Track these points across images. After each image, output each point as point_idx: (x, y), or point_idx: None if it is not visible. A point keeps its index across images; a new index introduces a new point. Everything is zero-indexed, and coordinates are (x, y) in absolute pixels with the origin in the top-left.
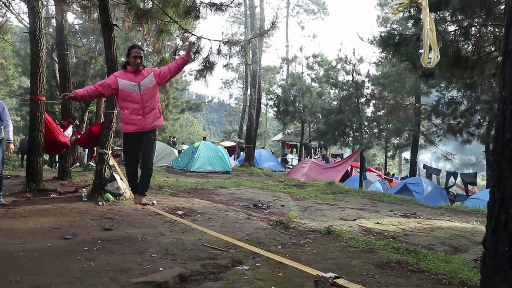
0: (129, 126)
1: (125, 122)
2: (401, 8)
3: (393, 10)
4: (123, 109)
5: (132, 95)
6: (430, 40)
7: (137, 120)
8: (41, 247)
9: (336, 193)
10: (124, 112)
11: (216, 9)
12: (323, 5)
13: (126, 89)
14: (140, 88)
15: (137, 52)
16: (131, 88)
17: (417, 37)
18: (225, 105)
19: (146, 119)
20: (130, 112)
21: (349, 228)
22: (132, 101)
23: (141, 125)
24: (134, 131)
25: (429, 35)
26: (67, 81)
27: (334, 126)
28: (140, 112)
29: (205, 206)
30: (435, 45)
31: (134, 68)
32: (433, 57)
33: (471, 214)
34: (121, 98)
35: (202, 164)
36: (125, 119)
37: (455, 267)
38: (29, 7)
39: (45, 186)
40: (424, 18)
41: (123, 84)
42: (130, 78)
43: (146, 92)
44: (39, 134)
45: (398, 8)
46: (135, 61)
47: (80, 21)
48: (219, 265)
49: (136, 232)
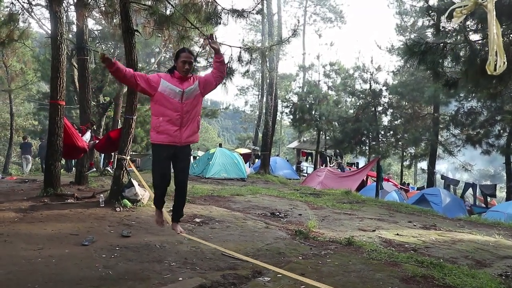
0: (161, 136)
1: (157, 131)
2: (465, 11)
3: (456, 13)
4: (158, 115)
5: (172, 101)
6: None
7: (172, 131)
8: (59, 254)
9: (353, 202)
10: (159, 119)
11: (238, 15)
12: (340, 13)
13: (167, 92)
14: (183, 96)
15: (187, 56)
16: (173, 93)
17: (443, 45)
18: (240, 112)
19: (182, 132)
20: (166, 121)
21: (369, 239)
22: (170, 108)
23: (176, 138)
24: (166, 143)
25: (496, 41)
26: (87, 87)
27: (351, 135)
28: (177, 122)
29: (222, 214)
30: (501, 51)
31: (182, 74)
32: (499, 63)
33: (492, 227)
34: (157, 102)
35: (218, 171)
36: (158, 127)
37: (482, 283)
38: (51, 12)
39: (63, 191)
40: (489, 22)
41: (165, 87)
42: (175, 83)
43: (189, 101)
44: (58, 138)
45: (462, 11)
46: (184, 66)
47: (99, 26)
48: (239, 276)
49: (154, 239)
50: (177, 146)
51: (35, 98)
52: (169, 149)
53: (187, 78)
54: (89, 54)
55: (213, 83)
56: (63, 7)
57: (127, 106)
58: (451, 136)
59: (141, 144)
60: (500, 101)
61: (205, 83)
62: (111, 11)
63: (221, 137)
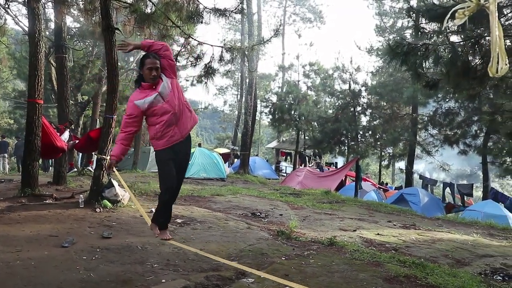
0: (162, 141)
1: (157, 138)
2: (467, 12)
3: (458, 14)
4: (154, 124)
5: (159, 107)
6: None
7: (170, 131)
8: (38, 256)
9: (332, 202)
10: (155, 127)
11: (220, 15)
12: (319, 13)
13: (148, 106)
14: (162, 97)
15: (152, 63)
16: (154, 101)
17: (425, 46)
18: (219, 111)
19: (180, 125)
20: (163, 125)
21: (350, 239)
22: (162, 113)
23: (178, 135)
24: (171, 144)
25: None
26: (65, 85)
27: (330, 135)
28: (173, 120)
29: (204, 215)
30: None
31: (150, 82)
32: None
33: (469, 226)
34: (150, 116)
35: (197, 170)
36: (157, 134)
37: (463, 281)
38: (29, 9)
39: (41, 191)
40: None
41: (144, 104)
42: (148, 93)
43: (170, 95)
44: (36, 138)
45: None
46: (151, 73)
47: (78, 24)
48: (223, 277)
49: (136, 241)
50: (182, 141)
51: (11, 96)
52: (173, 149)
53: (157, 84)
54: (67, 52)
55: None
56: (41, 4)
57: (107, 105)
58: (429, 136)
59: None
60: (478, 102)
61: (166, 66)
62: (90, 8)
63: (200, 136)
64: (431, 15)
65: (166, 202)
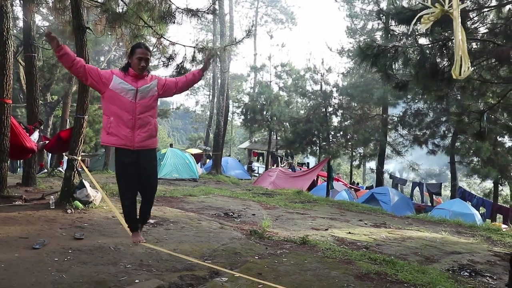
0: (112, 138)
1: (107, 132)
2: (432, 18)
3: (424, 19)
4: (108, 115)
5: (123, 100)
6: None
7: (123, 133)
8: (8, 258)
9: (304, 202)
10: (109, 119)
11: (192, 15)
12: (291, 15)
13: (118, 90)
14: (136, 95)
15: (143, 53)
16: (125, 91)
17: (395, 48)
18: (191, 112)
19: (135, 135)
20: (116, 121)
21: (322, 238)
22: (121, 107)
23: (127, 141)
24: (118, 145)
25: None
26: (34, 85)
27: (302, 135)
28: (129, 124)
29: (177, 215)
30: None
31: (138, 72)
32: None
33: (438, 224)
34: (108, 100)
35: (169, 171)
36: (108, 128)
37: (432, 277)
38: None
39: (10, 193)
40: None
41: (116, 84)
42: (129, 80)
43: (143, 102)
44: (5, 138)
45: (429, 17)
46: (140, 63)
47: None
48: (197, 277)
49: (108, 241)
50: (132, 151)
51: None
52: (127, 153)
53: (143, 76)
54: (36, 51)
55: (173, 90)
56: (9, 2)
57: (78, 105)
58: (399, 137)
59: (90, 144)
60: (446, 103)
61: (165, 87)
62: (61, 7)
63: (171, 137)
64: (400, 17)
65: (127, 208)
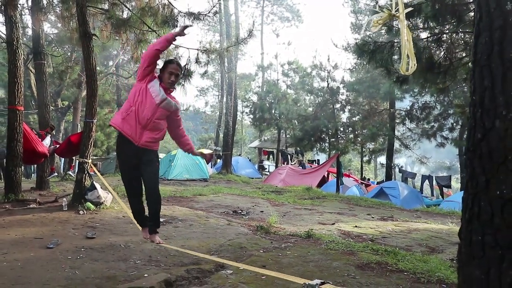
0: (125, 124)
1: (122, 117)
2: (381, 21)
3: (373, 23)
4: (132, 104)
5: (151, 100)
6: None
7: (135, 127)
8: (25, 257)
9: (314, 198)
10: (131, 107)
11: (194, 18)
12: (297, 12)
13: (152, 90)
14: (162, 102)
15: (174, 68)
16: (156, 94)
17: (391, 44)
18: (201, 113)
19: (143, 134)
20: (135, 114)
21: (328, 232)
22: (146, 104)
23: (135, 136)
24: (125, 134)
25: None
26: (45, 91)
27: (310, 132)
28: (143, 122)
29: (185, 213)
30: (412, 55)
31: (167, 86)
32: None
33: (446, 216)
34: (139, 91)
35: (180, 172)
36: (126, 115)
37: (432, 266)
38: (6, 16)
39: (24, 197)
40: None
41: (154, 83)
42: (163, 87)
43: (163, 110)
44: (18, 144)
45: (378, 21)
46: (170, 78)
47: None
48: (203, 270)
49: (119, 240)
50: (135, 146)
51: None
52: (130, 147)
53: (170, 91)
54: (46, 58)
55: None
56: (18, 11)
57: (87, 110)
58: (407, 131)
59: (102, 148)
60: (452, 95)
61: (175, 117)
62: (67, 15)
63: None
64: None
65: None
